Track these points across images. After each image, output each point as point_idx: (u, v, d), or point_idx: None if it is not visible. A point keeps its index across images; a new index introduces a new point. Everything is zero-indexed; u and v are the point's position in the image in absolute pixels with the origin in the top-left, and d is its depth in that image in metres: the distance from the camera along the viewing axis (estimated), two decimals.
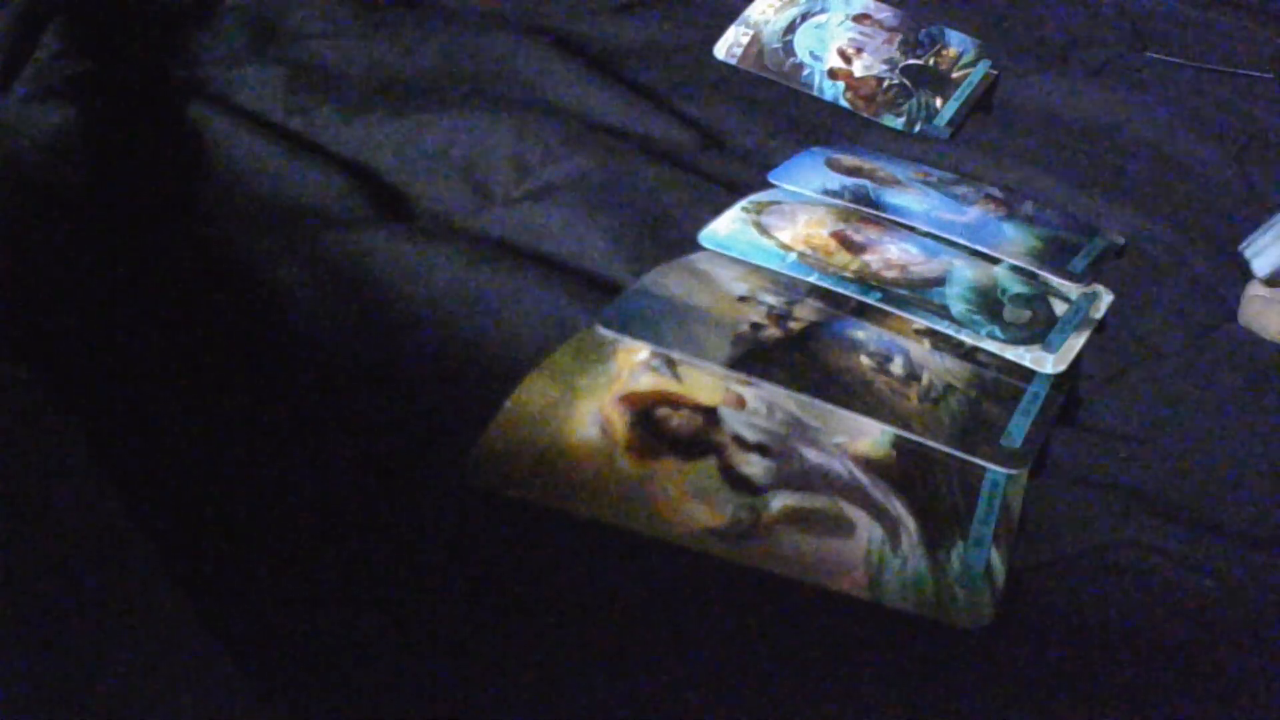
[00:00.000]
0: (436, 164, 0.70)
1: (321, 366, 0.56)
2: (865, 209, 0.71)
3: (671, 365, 0.56)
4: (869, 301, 0.63)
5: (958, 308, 0.64)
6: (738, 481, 0.51)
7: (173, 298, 0.58)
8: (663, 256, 0.64)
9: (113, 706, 0.36)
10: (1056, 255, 0.69)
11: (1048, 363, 0.61)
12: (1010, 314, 0.64)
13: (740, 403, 0.55)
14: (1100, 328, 0.65)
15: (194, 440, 0.50)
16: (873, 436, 0.55)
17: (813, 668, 0.45)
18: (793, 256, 0.65)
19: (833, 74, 0.85)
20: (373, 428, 0.52)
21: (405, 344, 0.57)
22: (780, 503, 0.51)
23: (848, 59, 0.86)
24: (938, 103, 0.84)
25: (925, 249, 0.68)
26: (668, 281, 0.62)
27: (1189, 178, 0.78)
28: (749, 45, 0.86)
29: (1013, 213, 0.73)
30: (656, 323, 0.59)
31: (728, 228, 0.67)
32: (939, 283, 0.65)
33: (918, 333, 0.62)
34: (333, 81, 0.76)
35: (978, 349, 0.62)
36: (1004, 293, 0.66)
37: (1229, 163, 0.78)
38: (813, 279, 0.64)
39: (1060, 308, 0.65)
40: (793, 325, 0.60)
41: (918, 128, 0.82)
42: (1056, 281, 0.68)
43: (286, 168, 0.67)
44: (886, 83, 0.85)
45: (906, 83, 0.85)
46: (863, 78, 0.85)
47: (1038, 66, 0.88)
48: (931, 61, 0.87)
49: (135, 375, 0.52)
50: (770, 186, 0.72)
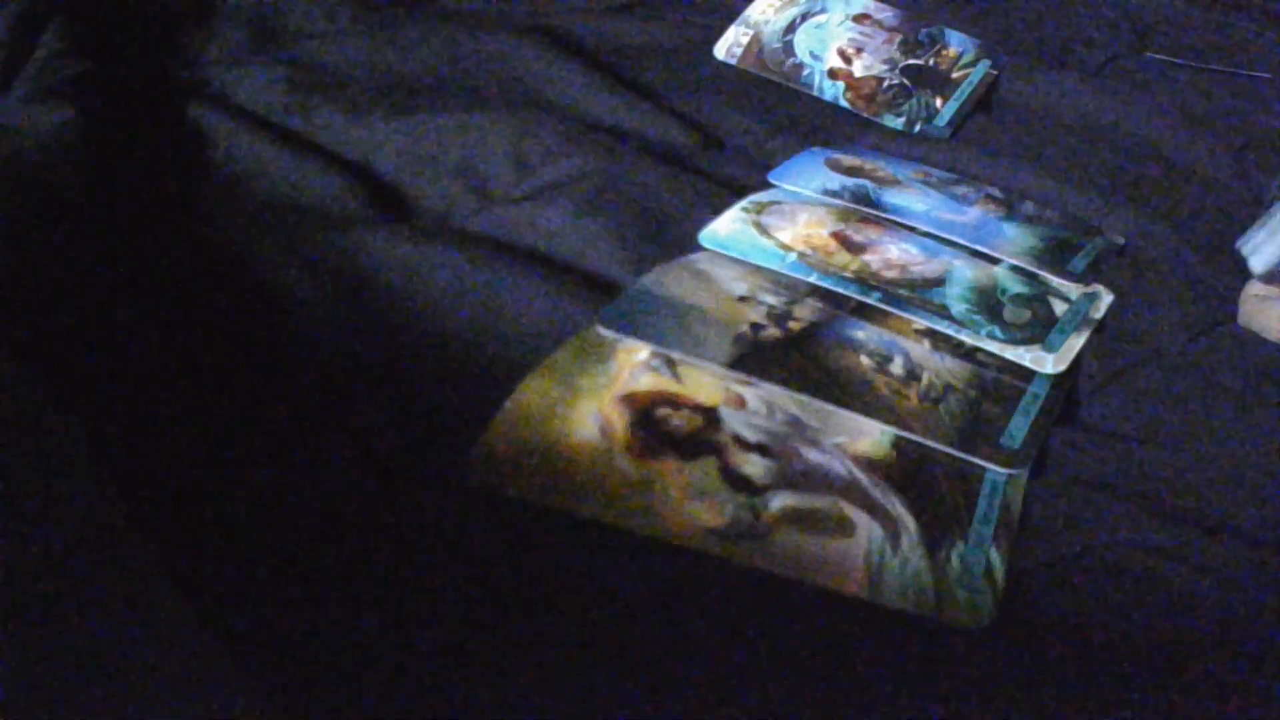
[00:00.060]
0: (436, 164, 0.70)
1: (321, 366, 0.56)
2: (865, 209, 0.71)
3: (671, 365, 0.56)
4: (869, 301, 0.63)
5: (958, 308, 0.64)
6: (738, 481, 0.51)
7: (173, 298, 0.58)
8: (663, 256, 0.64)
9: (113, 706, 0.36)
10: (1056, 255, 0.69)
11: (1048, 363, 0.61)
12: (1010, 314, 0.64)
13: (740, 403, 0.55)
14: (1100, 328, 0.65)
15: (194, 440, 0.50)
16: (873, 436, 0.55)
17: (813, 668, 0.45)
18: (793, 256, 0.65)
19: (833, 74, 0.85)
20: (373, 428, 0.52)
21: (405, 344, 0.57)
22: (780, 503, 0.51)
23: (848, 59, 0.86)
24: (938, 103, 0.84)
25: (925, 249, 0.68)
26: (668, 281, 0.62)
27: (1189, 178, 0.78)
28: (749, 45, 0.86)
29: (1013, 213, 0.73)
30: (656, 323, 0.59)
31: (728, 228, 0.67)
32: (939, 283, 0.65)
33: (918, 333, 0.62)
34: (333, 81, 0.76)
35: (978, 349, 0.62)
36: (1004, 293, 0.66)
37: (1229, 163, 0.78)
38: (813, 279, 0.64)
39: (1060, 308, 0.65)
40: (793, 325, 0.60)
41: (918, 128, 0.82)
42: (1056, 282, 0.67)
43: (286, 168, 0.67)
44: (886, 83, 0.85)
45: (906, 83, 0.85)
46: (863, 78, 0.85)
47: (1038, 66, 0.88)
48: (931, 61, 0.87)
49: (135, 375, 0.52)
50: (770, 186, 0.72)
